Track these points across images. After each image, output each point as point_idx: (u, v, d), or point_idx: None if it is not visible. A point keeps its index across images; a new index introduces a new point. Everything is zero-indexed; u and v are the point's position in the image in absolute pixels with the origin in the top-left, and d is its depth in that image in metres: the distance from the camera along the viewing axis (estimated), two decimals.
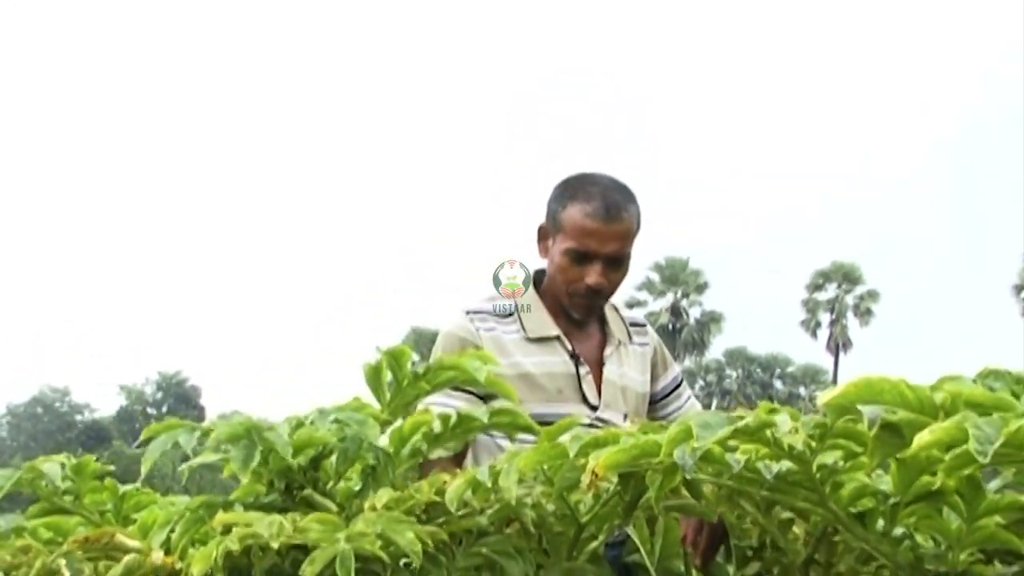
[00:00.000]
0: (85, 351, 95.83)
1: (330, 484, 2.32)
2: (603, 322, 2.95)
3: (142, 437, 2.28)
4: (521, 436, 2.35)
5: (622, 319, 2.99)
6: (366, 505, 2.11)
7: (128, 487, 2.51)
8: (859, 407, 1.63)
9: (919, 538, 2.04)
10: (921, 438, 1.54)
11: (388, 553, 1.94)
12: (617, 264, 2.81)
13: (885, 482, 1.91)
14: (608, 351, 2.90)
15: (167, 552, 2.16)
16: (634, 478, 1.95)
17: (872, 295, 59.07)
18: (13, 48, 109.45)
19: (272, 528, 1.93)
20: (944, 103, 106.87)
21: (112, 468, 2.51)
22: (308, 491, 2.28)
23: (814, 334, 60.08)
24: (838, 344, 59.36)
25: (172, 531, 2.24)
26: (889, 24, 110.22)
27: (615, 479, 1.98)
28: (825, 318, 59.67)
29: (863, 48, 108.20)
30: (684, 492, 1.97)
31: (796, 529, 2.49)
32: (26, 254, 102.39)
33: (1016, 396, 1.70)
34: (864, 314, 58.95)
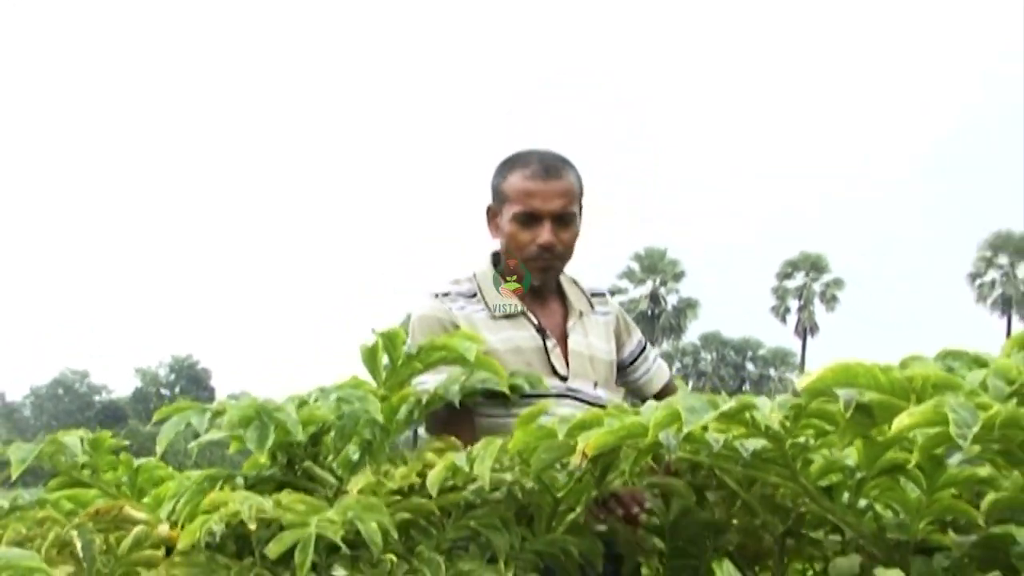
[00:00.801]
0: (103, 336, 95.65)
1: (330, 458, 2.34)
2: (563, 296, 2.88)
3: (156, 418, 2.29)
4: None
5: (581, 290, 2.92)
6: (349, 486, 2.14)
7: (142, 461, 2.52)
8: (835, 390, 1.63)
9: (880, 509, 2.05)
10: (901, 421, 1.56)
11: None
12: (565, 222, 2.75)
13: (850, 457, 1.92)
14: (571, 323, 2.83)
15: (172, 521, 2.19)
16: (603, 456, 1.95)
17: (837, 283, 59.16)
18: (25, 38, 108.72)
19: (251, 510, 1.94)
20: (929, 104, 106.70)
21: (127, 443, 2.53)
22: (308, 463, 2.31)
23: (783, 319, 60.16)
24: (806, 328, 59.41)
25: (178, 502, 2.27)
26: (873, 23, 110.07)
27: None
28: (794, 304, 59.75)
29: (854, 48, 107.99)
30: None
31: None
32: (49, 246, 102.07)
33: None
34: (830, 300, 59.03)
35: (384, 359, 2.46)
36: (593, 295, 2.94)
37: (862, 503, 2.04)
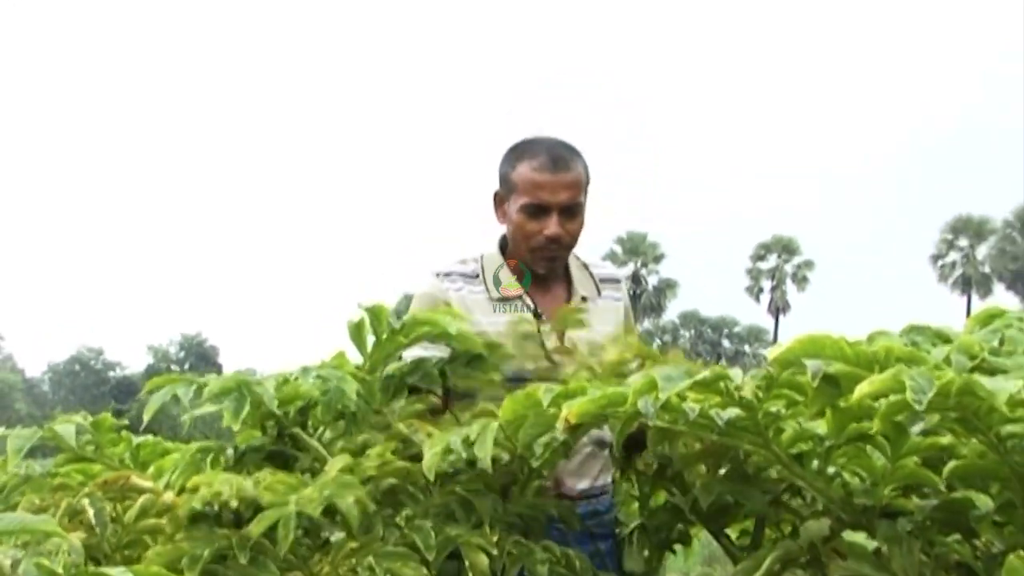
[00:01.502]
0: (117, 316, 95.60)
1: (319, 430, 2.34)
2: (569, 281, 2.76)
3: (146, 390, 2.28)
4: None
5: (591, 275, 2.79)
6: (327, 467, 2.13)
7: (143, 438, 2.52)
8: (803, 361, 1.63)
9: (848, 475, 2.06)
10: (861, 388, 1.55)
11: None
12: (572, 213, 2.64)
13: (819, 426, 1.92)
14: (572, 306, 2.69)
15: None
16: (581, 426, 1.94)
17: (808, 264, 59.38)
18: (33, 25, 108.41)
19: (232, 489, 1.95)
20: (896, 100, 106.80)
21: (126, 422, 2.53)
22: (296, 430, 2.31)
23: (757, 299, 60.38)
24: (778, 307, 59.59)
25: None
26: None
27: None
28: (767, 284, 59.94)
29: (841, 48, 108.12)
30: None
31: None
32: (66, 232, 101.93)
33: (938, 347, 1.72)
34: (801, 281, 59.22)
35: (370, 334, 2.41)
36: (604, 280, 2.81)
37: (831, 470, 2.04)
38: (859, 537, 1.98)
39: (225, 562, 1.95)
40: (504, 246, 2.78)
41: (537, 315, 2.68)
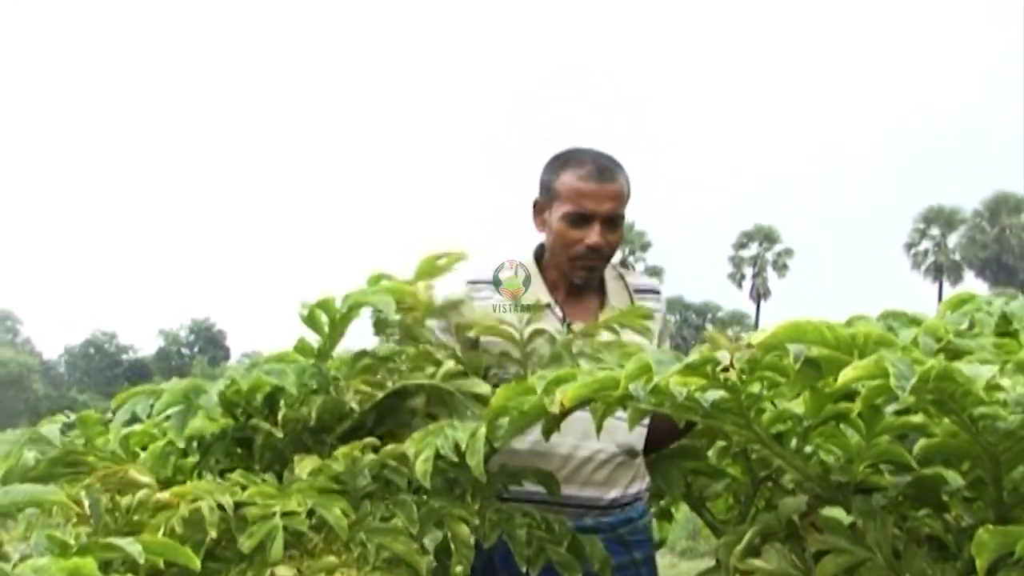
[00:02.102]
0: (130, 301, 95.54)
1: (282, 412, 2.32)
2: (603, 290, 2.63)
3: (112, 406, 2.29)
4: None
5: (626, 285, 2.65)
6: (296, 470, 2.12)
7: (130, 428, 2.46)
8: (787, 345, 1.63)
9: (824, 453, 2.06)
10: (846, 374, 1.55)
11: None
12: (613, 224, 2.52)
13: (797, 407, 1.92)
14: (603, 316, 2.51)
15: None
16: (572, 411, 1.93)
17: (788, 252, 59.45)
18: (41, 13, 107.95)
19: (213, 515, 1.94)
20: (877, 99, 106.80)
21: (110, 416, 2.43)
22: (255, 422, 2.30)
23: (739, 285, 60.41)
24: (759, 293, 59.66)
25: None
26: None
27: None
28: (749, 272, 59.97)
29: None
30: None
31: None
32: (80, 220, 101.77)
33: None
34: (781, 268, 59.28)
35: (324, 318, 2.37)
36: (640, 291, 2.67)
37: (808, 448, 2.05)
38: (836, 512, 1.99)
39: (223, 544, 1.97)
40: (539, 255, 2.66)
41: (567, 324, 2.56)
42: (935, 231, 59.20)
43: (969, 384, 1.51)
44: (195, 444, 2.38)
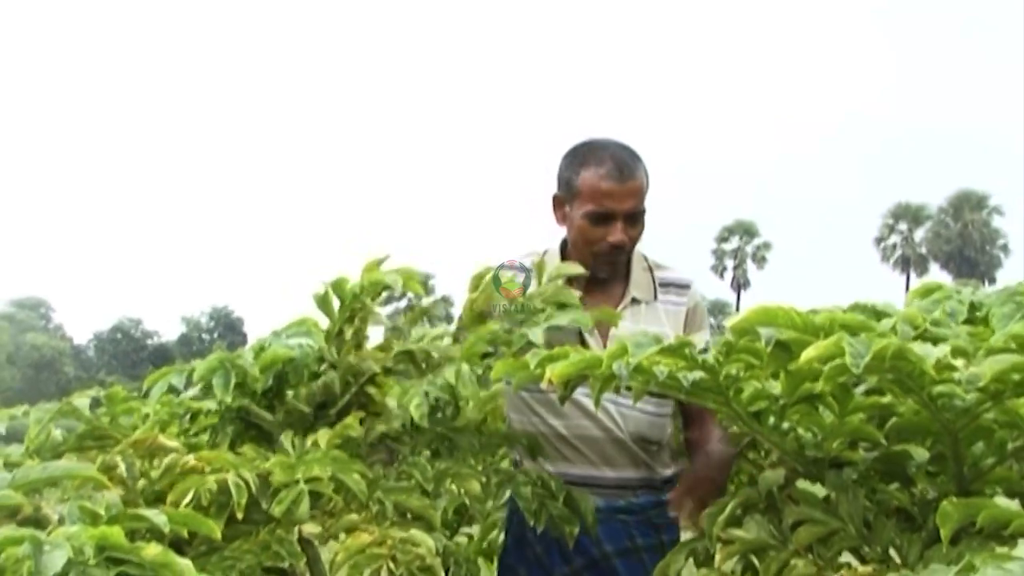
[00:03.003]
0: (154, 289, 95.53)
1: (290, 392, 2.32)
2: (628, 281, 2.49)
3: (145, 385, 2.30)
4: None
5: (653, 278, 2.49)
6: (311, 441, 2.14)
7: (151, 406, 2.45)
8: (758, 329, 1.63)
9: (801, 430, 2.06)
10: (807, 353, 1.55)
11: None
12: (635, 220, 2.38)
13: (775, 387, 1.92)
14: (621, 306, 2.44)
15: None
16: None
17: (766, 246, 59.44)
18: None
19: (239, 488, 1.94)
20: (851, 102, 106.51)
21: (136, 394, 2.48)
22: (246, 403, 2.29)
23: (721, 276, 60.41)
24: (740, 284, 59.65)
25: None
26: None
27: None
28: (730, 264, 59.96)
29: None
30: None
31: None
32: (106, 214, 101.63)
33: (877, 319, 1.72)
34: (760, 260, 59.29)
35: (335, 301, 2.37)
36: (667, 284, 2.50)
37: (785, 425, 2.05)
38: (812, 486, 1.99)
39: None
40: (564, 246, 2.54)
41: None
42: (903, 226, 59.30)
43: (921, 363, 1.51)
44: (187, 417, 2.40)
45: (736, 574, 1.87)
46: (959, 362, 1.55)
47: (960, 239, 58.27)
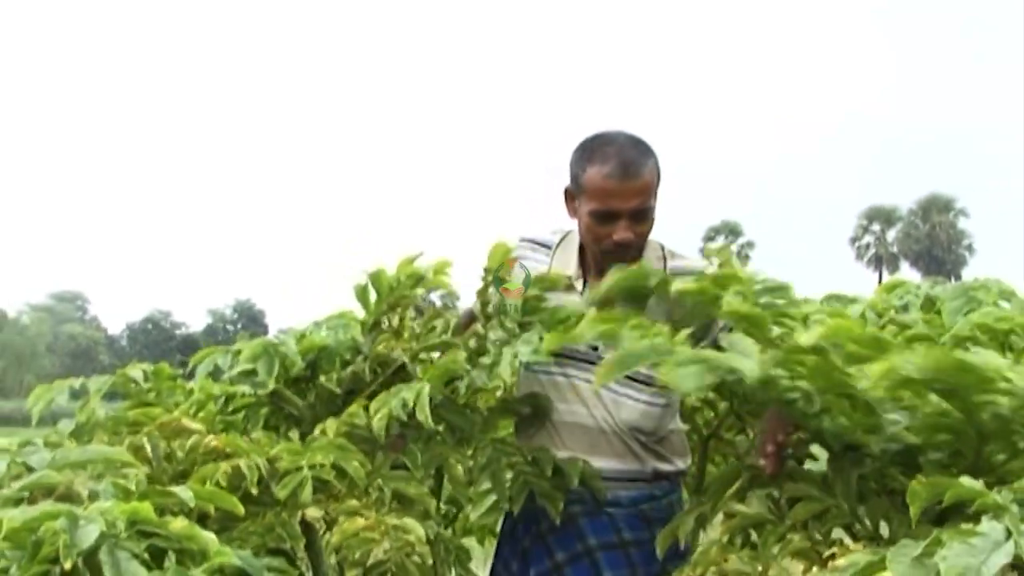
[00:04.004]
0: (183, 284, 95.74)
1: (322, 378, 2.34)
2: None
3: (192, 363, 2.32)
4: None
5: (664, 267, 2.27)
6: (318, 430, 2.16)
7: (193, 384, 2.51)
8: (825, 345, 1.63)
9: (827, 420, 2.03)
10: (877, 369, 1.57)
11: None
12: (641, 217, 2.20)
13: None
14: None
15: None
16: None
17: (750, 244, 59.50)
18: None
19: (252, 472, 1.95)
20: (829, 107, 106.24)
21: (181, 372, 2.53)
22: (279, 387, 2.30)
23: None
24: None
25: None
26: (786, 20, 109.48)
27: None
28: (716, 262, 59.90)
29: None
30: None
31: None
32: (141, 212, 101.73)
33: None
34: (744, 258, 59.17)
35: (372, 293, 2.39)
36: (679, 272, 2.21)
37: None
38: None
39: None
40: None
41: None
42: (876, 227, 59.51)
43: (981, 373, 1.52)
44: (226, 403, 2.40)
45: (736, 546, 1.84)
46: (1013, 375, 1.55)
47: (928, 239, 58.48)
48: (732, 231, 59.58)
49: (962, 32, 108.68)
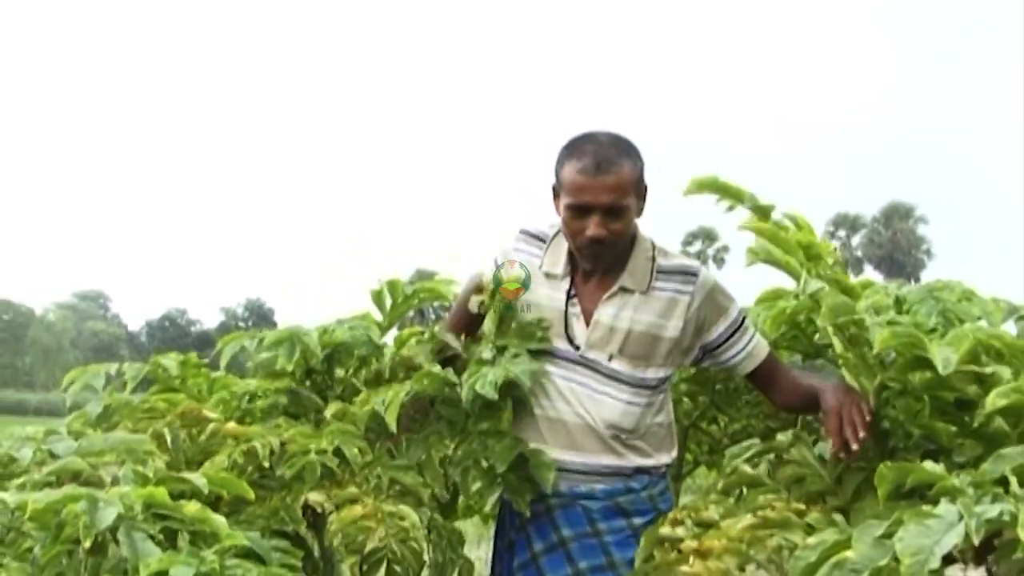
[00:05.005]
0: (197, 283, 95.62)
1: (340, 372, 2.38)
2: (622, 271, 2.15)
3: (220, 345, 2.34)
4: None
5: (652, 266, 2.14)
6: (327, 412, 2.18)
7: (217, 374, 2.54)
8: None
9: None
10: (993, 399, 1.62)
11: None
12: (616, 214, 2.06)
13: None
14: (606, 295, 2.12)
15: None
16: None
17: (725, 248, 59.49)
18: None
19: (265, 449, 1.99)
20: (797, 120, 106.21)
21: (207, 362, 2.57)
22: (292, 384, 2.33)
23: None
24: None
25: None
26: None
27: None
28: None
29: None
30: None
31: None
32: (159, 217, 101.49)
33: None
34: (719, 262, 59.33)
35: (388, 299, 2.47)
36: (669, 271, 2.15)
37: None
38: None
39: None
40: None
41: (570, 296, 2.15)
42: (842, 233, 59.77)
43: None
44: (248, 399, 2.38)
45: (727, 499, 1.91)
46: None
47: (890, 244, 58.82)
48: (708, 236, 59.66)
49: (952, 37, 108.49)
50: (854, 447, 1.82)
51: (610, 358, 2.11)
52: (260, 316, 67.94)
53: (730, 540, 1.67)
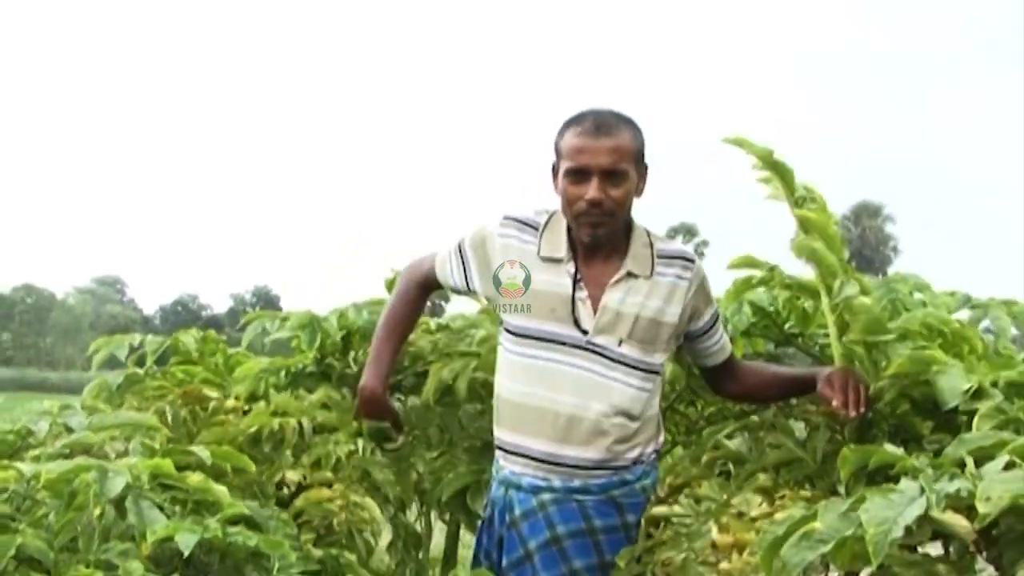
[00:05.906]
0: (208, 269, 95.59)
1: (353, 354, 2.40)
2: (626, 255, 2.03)
3: (243, 321, 2.41)
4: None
5: (652, 252, 2.04)
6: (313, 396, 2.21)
7: (233, 350, 2.58)
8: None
9: None
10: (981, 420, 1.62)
11: None
12: (615, 179, 1.95)
13: None
14: (613, 280, 2.00)
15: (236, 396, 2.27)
16: None
17: (704, 243, 59.68)
18: None
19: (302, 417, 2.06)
20: (768, 116, 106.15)
21: (224, 339, 2.63)
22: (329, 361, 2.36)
23: None
24: None
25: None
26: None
27: None
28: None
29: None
30: None
31: None
32: (173, 206, 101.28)
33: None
34: (699, 256, 59.47)
35: None
36: (668, 257, 2.05)
37: None
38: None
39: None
40: None
41: (575, 280, 2.01)
42: None
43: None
44: (283, 373, 2.39)
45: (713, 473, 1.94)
46: None
47: (859, 241, 59.00)
48: (688, 231, 59.80)
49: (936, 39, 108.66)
50: (852, 413, 1.82)
51: (620, 343, 1.97)
52: (267, 302, 67.95)
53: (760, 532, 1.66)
